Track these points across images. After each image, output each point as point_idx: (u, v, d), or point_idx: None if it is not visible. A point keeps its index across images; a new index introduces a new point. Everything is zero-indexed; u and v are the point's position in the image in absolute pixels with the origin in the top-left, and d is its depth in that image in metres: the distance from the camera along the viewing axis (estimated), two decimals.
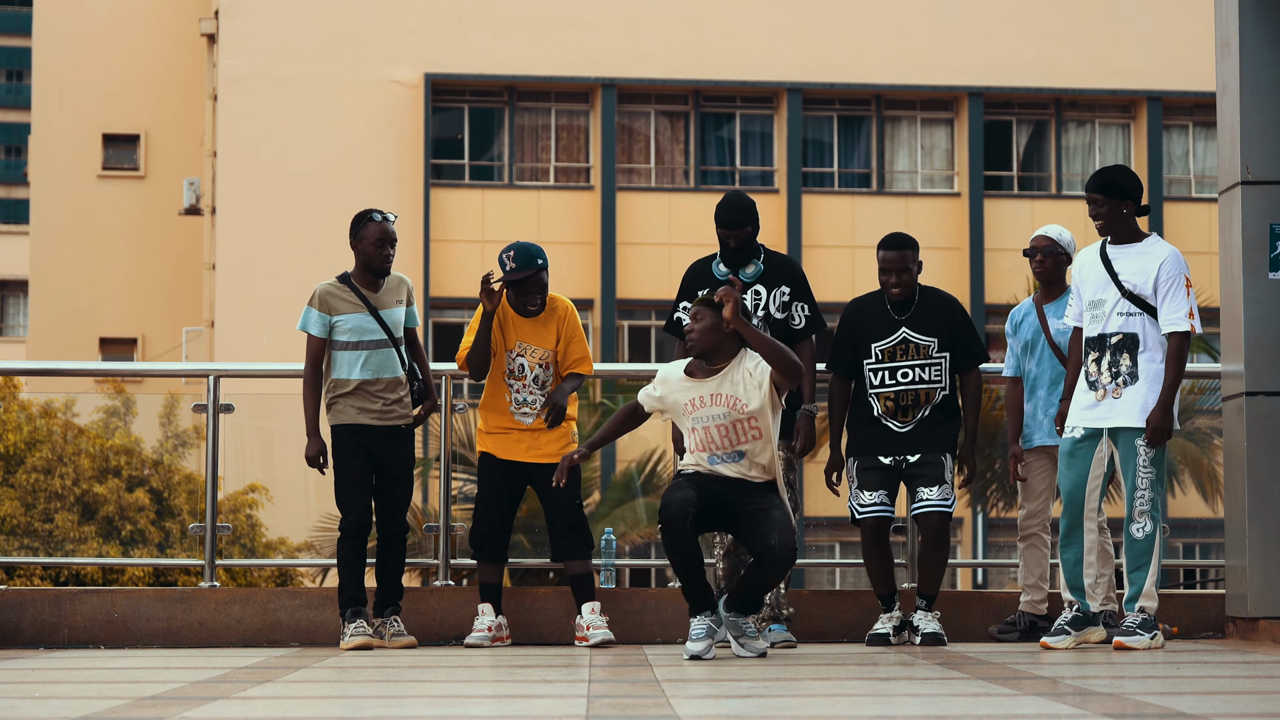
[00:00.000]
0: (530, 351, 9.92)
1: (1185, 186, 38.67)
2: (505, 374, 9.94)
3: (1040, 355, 10.19)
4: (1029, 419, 10.23)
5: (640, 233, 37.05)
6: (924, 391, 9.81)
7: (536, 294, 9.87)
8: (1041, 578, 10.30)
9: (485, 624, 9.96)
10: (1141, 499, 9.33)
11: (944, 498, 9.82)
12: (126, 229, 43.40)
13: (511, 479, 9.98)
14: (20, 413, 23.70)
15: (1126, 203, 9.46)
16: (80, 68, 43.35)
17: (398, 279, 10.02)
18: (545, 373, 9.94)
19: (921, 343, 9.83)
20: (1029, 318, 10.28)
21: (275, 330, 35.32)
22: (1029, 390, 10.24)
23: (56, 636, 10.43)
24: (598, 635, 9.83)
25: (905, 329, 9.85)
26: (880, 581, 9.97)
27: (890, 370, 9.84)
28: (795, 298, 9.83)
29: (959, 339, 9.88)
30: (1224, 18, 10.31)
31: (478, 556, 10.01)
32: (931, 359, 9.83)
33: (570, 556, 9.98)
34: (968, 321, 9.98)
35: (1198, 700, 6.67)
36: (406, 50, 37.05)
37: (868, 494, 9.87)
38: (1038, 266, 10.22)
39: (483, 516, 9.97)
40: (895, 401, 9.82)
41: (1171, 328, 9.32)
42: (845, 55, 37.56)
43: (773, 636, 9.74)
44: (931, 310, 9.89)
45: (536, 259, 9.80)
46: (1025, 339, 10.26)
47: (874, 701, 6.80)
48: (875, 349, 9.87)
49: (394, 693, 7.20)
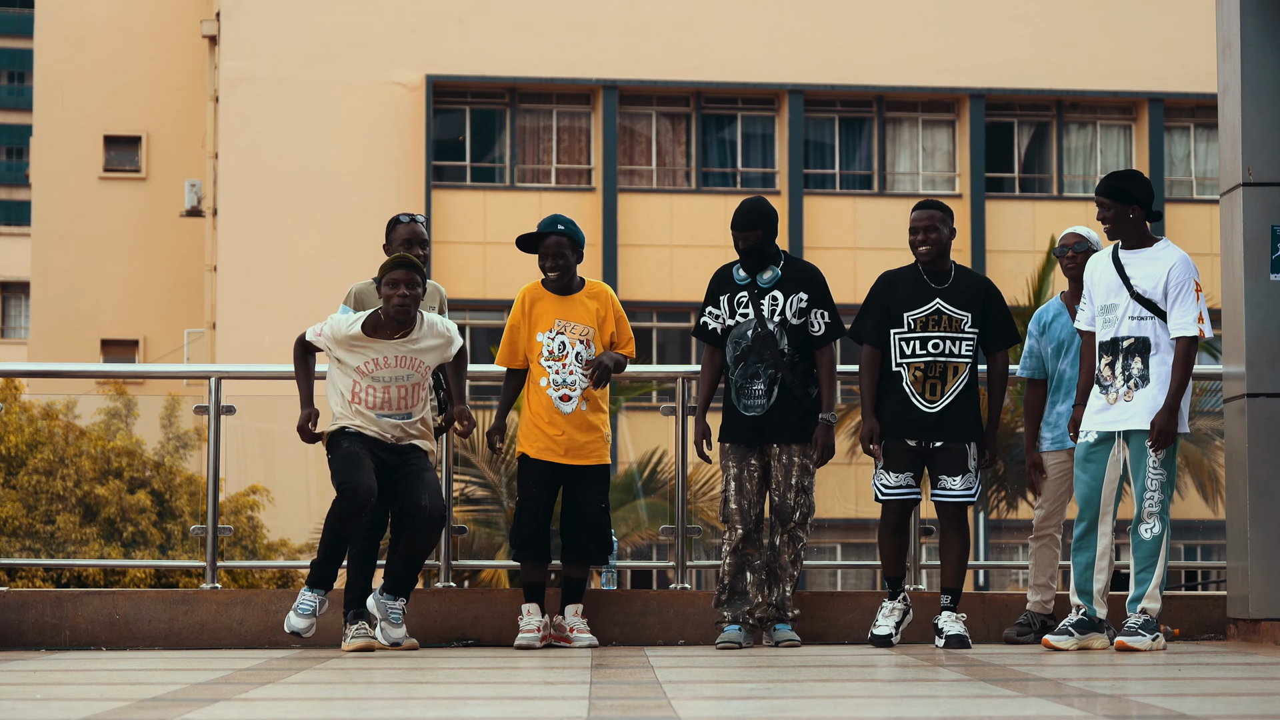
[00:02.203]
0: (571, 329, 9.93)
1: (1186, 188, 38.67)
2: (542, 357, 9.93)
3: (1073, 356, 10.16)
4: (1057, 420, 10.20)
5: (641, 234, 37.04)
6: (952, 365, 9.79)
7: (550, 258, 9.90)
8: (1051, 578, 10.30)
9: (534, 624, 9.92)
10: (1151, 500, 9.34)
11: (967, 487, 9.82)
12: (128, 231, 43.41)
13: (549, 477, 9.97)
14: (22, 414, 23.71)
15: (1134, 207, 9.46)
16: (82, 69, 43.36)
17: (432, 287, 10.05)
18: (587, 351, 9.93)
19: (955, 315, 9.82)
20: (1060, 318, 10.25)
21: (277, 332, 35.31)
22: (1063, 392, 10.20)
23: (58, 638, 10.43)
24: (583, 639, 9.85)
25: (940, 300, 9.85)
26: (893, 563, 9.95)
27: (921, 340, 9.83)
28: (814, 304, 9.84)
29: (991, 317, 9.88)
30: (1225, 19, 10.31)
31: (520, 557, 9.98)
32: (964, 333, 9.81)
33: (583, 561, 9.96)
34: (1003, 303, 9.96)
35: (1199, 702, 6.66)
36: (408, 52, 37.06)
37: (893, 475, 9.86)
38: (1069, 264, 10.20)
39: (526, 517, 9.95)
40: (924, 372, 9.79)
41: (1180, 332, 9.33)
42: (846, 57, 37.57)
43: (778, 636, 9.77)
44: (967, 286, 9.89)
45: (557, 224, 9.91)
46: (1058, 339, 10.22)
47: (877, 703, 6.80)
48: (908, 318, 9.85)
49: (395, 694, 7.20)
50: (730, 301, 9.92)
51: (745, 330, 9.84)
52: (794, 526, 9.77)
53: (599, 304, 10.01)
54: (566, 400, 9.92)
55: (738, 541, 9.81)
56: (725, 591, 9.89)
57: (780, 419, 9.77)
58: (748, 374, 9.80)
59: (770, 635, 9.83)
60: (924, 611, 10.29)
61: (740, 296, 9.89)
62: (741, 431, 9.81)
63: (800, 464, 9.76)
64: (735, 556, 9.83)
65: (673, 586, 10.89)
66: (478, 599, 10.61)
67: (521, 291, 10.09)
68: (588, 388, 9.89)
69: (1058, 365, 10.24)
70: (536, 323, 9.95)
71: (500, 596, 10.64)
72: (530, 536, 9.93)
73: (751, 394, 9.79)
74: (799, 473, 9.77)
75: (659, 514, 22.01)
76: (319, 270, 35.28)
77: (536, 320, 9.95)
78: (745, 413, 9.78)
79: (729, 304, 9.92)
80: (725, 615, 9.86)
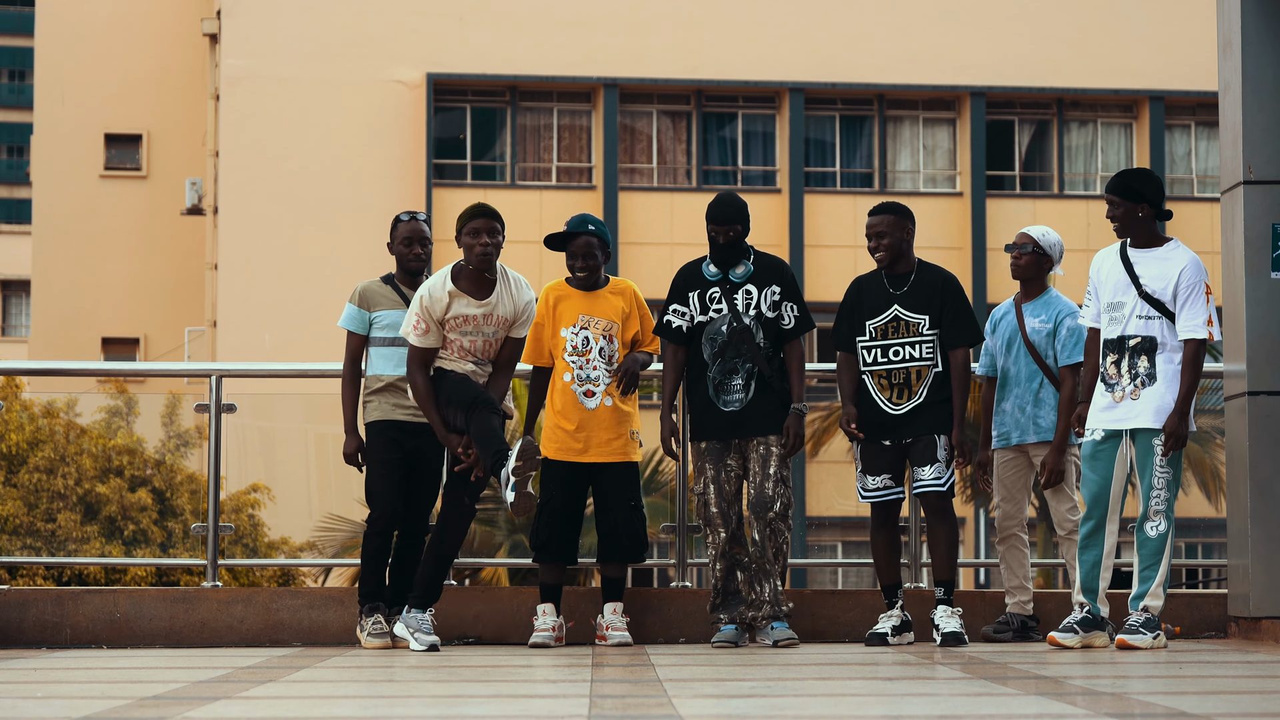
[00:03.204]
0: (595, 324, 9.94)
1: (1187, 186, 38.67)
2: (566, 352, 9.93)
3: (1016, 354, 10.21)
4: (1005, 417, 10.24)
5: (642, 232, 37.05)
6: (915, 370, 9.80)
7: (581, 257, 9.97)
8: (1025, 577, 10.30)
9: (549, 624, 9.93)
10: (1157, 498, 9.35)
11: (936, 476, 9.82)
12: (129, 229, 43.41)
13: (573, 479, 9.95)
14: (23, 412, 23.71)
15: (1143, 206, 9.47)
16: (82, 68, 43.36)
17: None
18: (610, 346, 9.94)
19: (912, 320, 9.83)
20: (1008, 317, 10.32)
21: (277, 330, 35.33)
22: (1006, 388, 10.25)
23: (59, 636, 10.43)
24: (615, 637, 9.86)
25: (897, 306, 9.86)
26: (886, 570, 9.94)
27: (883, 348, 9.85)
28: (785, 298, 9.85)
29: (947, 316, 9.86)
30: (1226, 17, 10.31)
31: (539, 558, 10.00)
32: (922, 336, 9.82)
33: (617, 559, 9.96)
34: (961, 300, 9.89)
35: (1200, 700, 6.66)
36: (408, 50, 37.05)
37: (872, 478, 9.88)
38: (1014, 263, 10.24)
39: (544, 521, 9.96)
40: (888, 379, 9.81)
41: (1189, 335, 9.34)
42: (847, 55, 37.56)
43: (775, 635, 9.73)
44: (925, 287, 9.88)
45: (587, 224, 10.02)
46: (1005, 337, 10.28)
47: (877, 701, 6.80)
48: (869, 326, 9.88)
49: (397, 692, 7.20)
50: (701, 298, 9.89)
51: (720, 326, 9.80)
52: (774, 518, 9.66)
53: (623, 300, 10.05)
54: (590, 396, 9.92)
55: (723, 544, 9.78)
56: (719, 594, 9.87)
57: (758, 412, 9.75)
58: (726, 369, 9.77)
59: (766, 635, 9.79)
60: (921, 609, 10.29)
61: (712, 293, 9.87)
62: (720, 428, 9.77)
63: (779, 454, 9.73)
64: (724, 560, 9.81)
65: (673, 584, 10.90)
66: (479, 597, 10.61)
67: (545, 289, 10.11)
68: (611, 384, 9.90)
69: (1004, 363, 10.27)
70: (561, 319, 9.97)
71: (502, 595, 10.65)
72: (549, 540, 9.93)
73: (730, 389, 9.78)
74: (777, 463, 9.73)
75: (660, 512, 22.03)
76: (320, 268, 35.28)
77: (561, 316, 9.97)
78: (724, 408, 9.74)
79: (699, 300, 9.89)
80: (722, 617, 9.85)
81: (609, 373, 9.92)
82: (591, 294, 10.03)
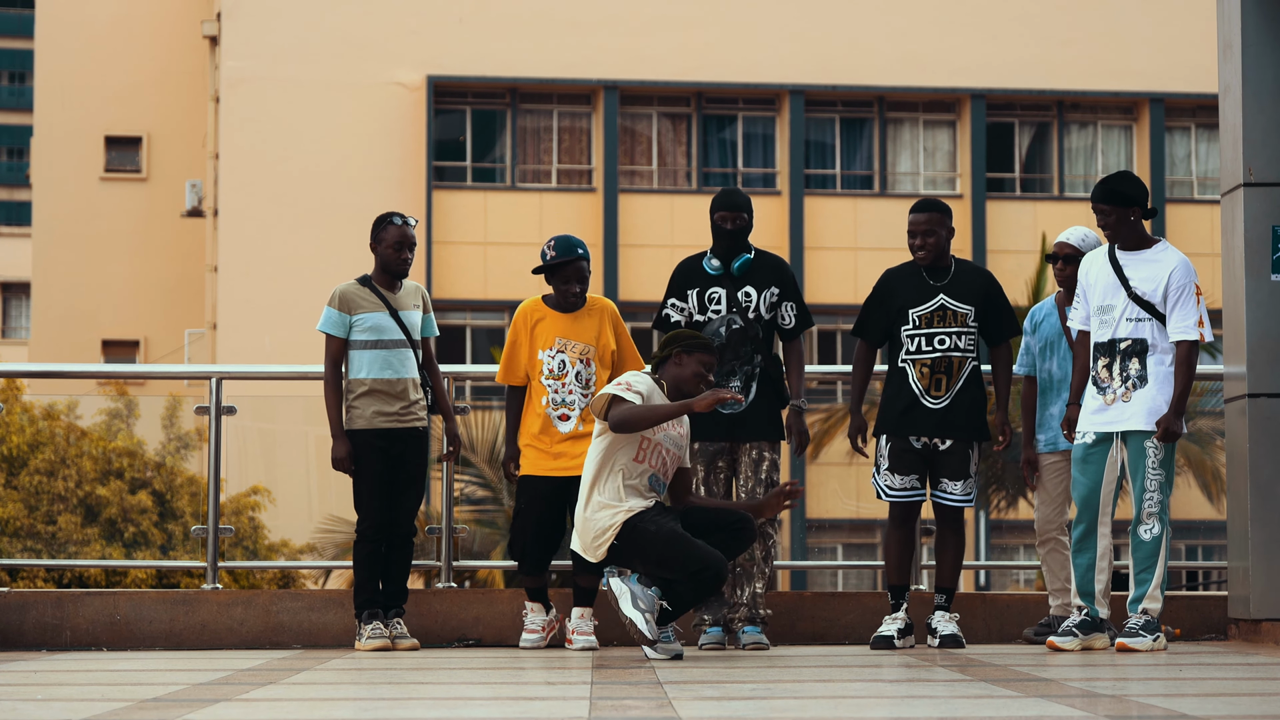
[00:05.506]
0: (571, 347, 9.90)
1: (1187, 188, 38.68)
2: (543, 375, 9.93)
3: (1060, 356, 10.21)
4: (1049, 421, 10.23)
5: (642, 234, 37.05)
6: (958, 360, 9.80)
7: (575, 282, 9.88)
8: (1066, 579, 10.27)
9: (538, 623, 9.98)
10: (1150, 501, 9.35)
11: (966, 493, 9.83)
12: (129, 231, 43.42)
13: (548, 493, 9.94)
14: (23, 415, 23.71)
15: (1134, 209, 9.47)
16: (82, 70, 43.37)
17: (413, 286, 10.06)
18: (587, 370, 9.91)
19: (960, 310, 9.82)
20: (1050, 318, 10.31)
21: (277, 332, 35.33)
22: (1050, 392, 10.24)
23: (59, 638, 10.43)
24: (581, 641, 9.84)
25: (944, 295, 9.85)
26: (897, 570, 9.92)
27: (927, 336, 9.83)
28: (784, 298, 9.85)
29: (993, 311, 9.90)
30: (1226, 19, 10.31)
31: (520, 569, 10.03)
32: (968, 328, 9.83)
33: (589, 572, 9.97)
34: (1003, 296, 9.99)
35: (1200, 702, 6.66)
36: (409, 52, 37.06)
37: (899, 477, 9.85)
38: (1059, 274, 10.25)
39: (518, 532, 9.98)
40: (931, 368, 9.79)
41: (1181, 336, 9.35)
42: (847, 57, 37.57)
43: (744, 639, 9.67)
44: (967, 280, 9.90)
45: (576, 248, 9.87)
46: (1046, 338, 10.27)
47: (877, 703, 6.79)
48: (913, 315, 9.85)
49: (397, 694, 7.20)
50: (700, 296, 9.86)
51: (719, 327, 9.78)
52: (762, 522, 9.65)
53: (601, 319, 9.96)
54: (565, 420, 9.90)
55: None
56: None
57: (757, 416, 9.75)
58: (724, 371, 9.76)
59: (737, 639, 9.77)
60: (916, 612, 10.28)
61: (712, 292, 9.84)
62: (717, 429, 9.77)
63: (770, 460, 9.72)
64: None
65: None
66: (478, 599, 10.61)
67: (522, 308, 10.04)
68: (586, 408, 9.86)
69: (1045, 365, 10.28)
70: (538, 340, 9.93)
71: (501, 597, 10.64)
72: (525, 553, 9.95)
73: None
74: (769, 468, 9.73)
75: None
76: (320, 270, 35.26)
77: (538, 338, 9.93)
78: (723, 410, 9.72)
79: (698, 299, 9.85)
80: (706, 619, 9.83)
81: (584, 396, 9.89)
82: (569, 315, 9.96)
